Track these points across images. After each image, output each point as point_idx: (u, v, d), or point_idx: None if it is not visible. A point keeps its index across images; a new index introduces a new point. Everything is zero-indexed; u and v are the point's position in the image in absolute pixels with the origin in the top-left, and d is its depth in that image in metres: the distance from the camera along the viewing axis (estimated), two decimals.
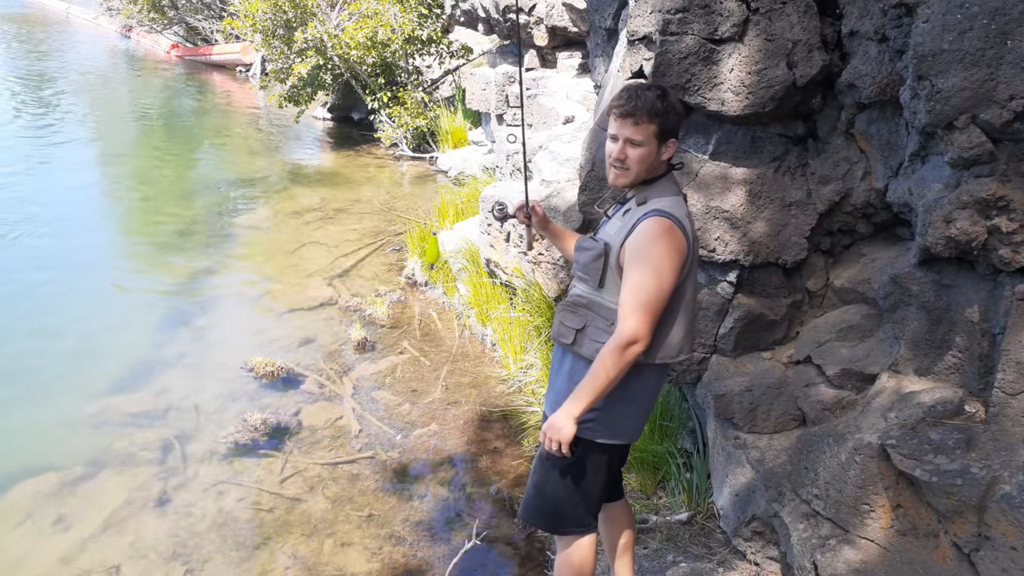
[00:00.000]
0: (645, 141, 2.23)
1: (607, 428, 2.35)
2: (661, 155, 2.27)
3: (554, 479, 2.45)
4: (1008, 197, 2.32)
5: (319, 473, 4.19)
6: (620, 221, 2.32)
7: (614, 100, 2.27)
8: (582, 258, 2.36)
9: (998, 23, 2.24)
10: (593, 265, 2.30)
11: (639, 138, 2.23)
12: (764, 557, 3.12)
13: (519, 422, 4.57)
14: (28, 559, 3.56)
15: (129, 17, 19.40)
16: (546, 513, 2.53)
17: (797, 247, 3.15)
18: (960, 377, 2.59)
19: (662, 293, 2.17)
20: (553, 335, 2.43)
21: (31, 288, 6.29)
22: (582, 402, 2.20)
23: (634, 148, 2.24)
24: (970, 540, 2.30)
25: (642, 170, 2.27)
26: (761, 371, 3.21)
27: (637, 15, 3.19)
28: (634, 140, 2.23)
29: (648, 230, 2.19)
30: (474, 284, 5.72)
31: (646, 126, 2.22)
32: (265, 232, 7.83)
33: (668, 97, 2.25)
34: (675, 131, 2.28)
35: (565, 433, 2.21)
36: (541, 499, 2.51)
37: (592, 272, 2.30)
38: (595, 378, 2.18)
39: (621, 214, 2.35)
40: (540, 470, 2.50)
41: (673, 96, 2.28)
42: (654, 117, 2.21)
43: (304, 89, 10.47)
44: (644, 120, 2.21)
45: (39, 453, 4.27)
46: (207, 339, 5.63)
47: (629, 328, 2.15)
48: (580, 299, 2.35)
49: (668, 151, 2.28)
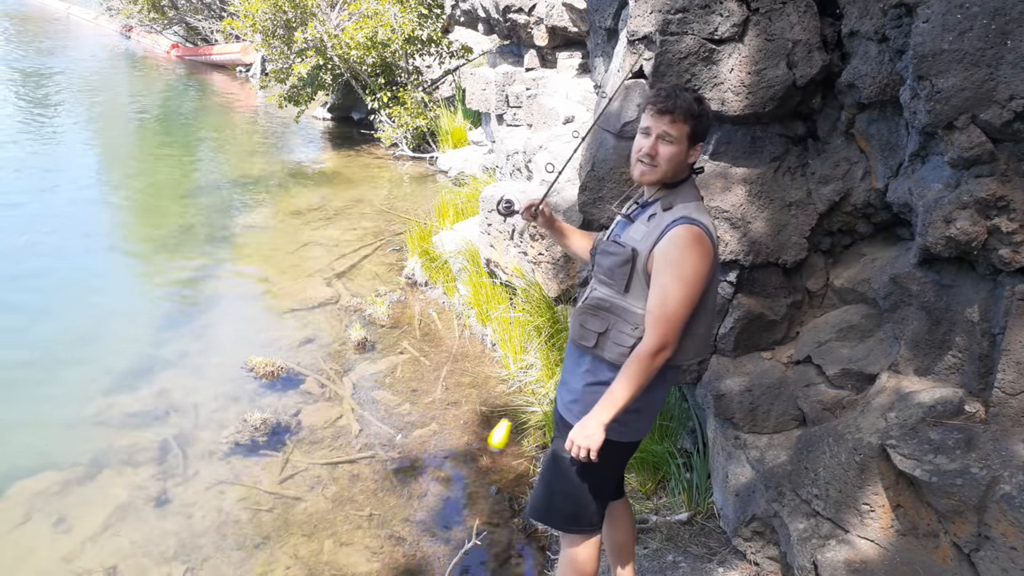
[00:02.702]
0: (678, 139, 2.25)
1: (625, 427, 2.35)
2: (689, 157, 2.29)
3: (568, 479, 2.45)
4: (1008, 197, 2.32)
5: (319, 473, 4.19)
6: (645, 226, 2.30)
7: (651, 96, 2.30)
8: (606, 262, 2.34)
9: (998, 23, 2.24)
10: (619, 270, 2.30)
11: (674, 134, 2.24)
12: (764, 557, 3.12)
13: (519, 422, 4.57)
14: (28, 559, 3.56)
15: (129, 17, 19.40)
16: (558, 512, 2.53)
17: (797, 247, 3.15)
18: (960, 377, 2.59)
19: (690, 302, 2.20)
20: (573, 337, 2.43)
21: (31, 288, 6.29)
22: (612, 408, 2.21)
23: (667, 145, 2.26)
24: (970, 540, 2.30)
25: (670, 169, 2.28)
26: (761, 371, 3.21)
27: (637, 15, 3.19)
28: (669, 135, 2.24)
29: (678, 238, 2.20)
30: (474, 284, 5.72)
31: (681, 125, 2.24)
32: (265, 232, 7.83)
33: (703, 103, 2.31)
34: (704, 136, 2.32)
35: (595, 440, 2.21)
36: (553, 498, 2.51)
37: (617, 277, 2.30)
38: (626, 386, 2.20)
39: (646, 219, 2.32)
40: (553, 469, 2.50)
41: (707, 103, 2.34)
42: (689, 118, 2.24)
43: (304, 89, 10.47)
44: (680, 119, 2.23)
45: (39, 453, 4.27)
46: (207, 339, 5.64)
47: (659, 336, 2.18)
48: (603, 302, 2.34)
49: (695, 155, 2.31)
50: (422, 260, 6.58)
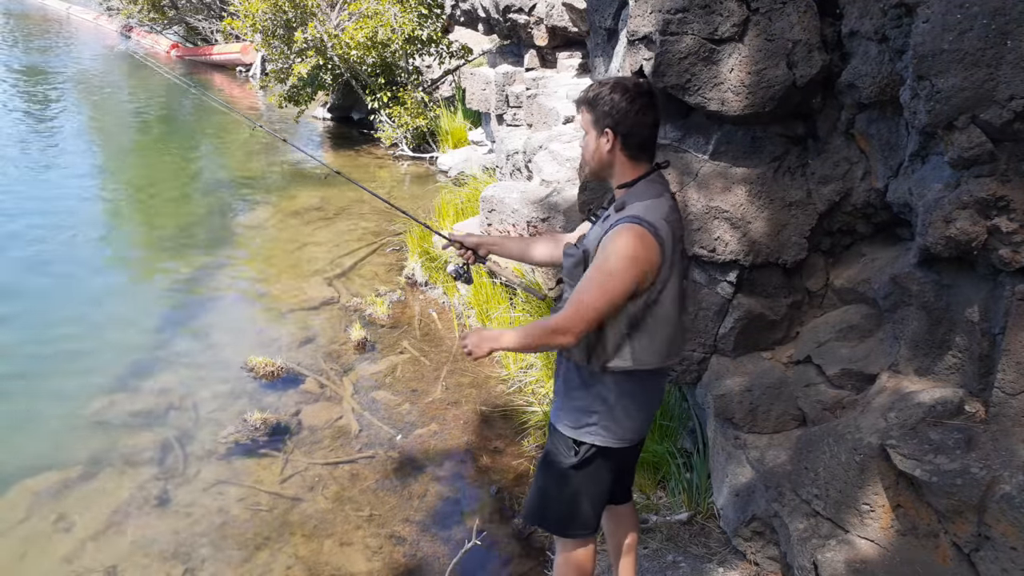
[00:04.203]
0: (586, 128, 2.27)
1: (609, 432, 2.35)
2: (602, 147, 2.22)
3: (559, 483, 2.45)
4: (1008, 197, 2.32)
5: (319, 473, 4.19)
6: (600, 227, 2.28)
7: None
8: (566, 264, 2.35)
9: (998, 23, 2.24)
10: (575, 271, 2.29)
11: (583, 125, 2.27)
12: (764, 557, 3.12)
13: (519, 422, 4.57)
14: (28, 559, 3.56)
15: (129, 17, 19.40)
16: (551, 516, 2.53)
17: (797, 247, 3.15)
18: (960, 377, 2.59)
19: (609, 294, 2.13)
20: None
21: (30, 288, 6.29)
22: (496, 342, 2.26)
23: (583, 137, 2.30)
24: (970, 540, 2.30)
25: (591, 161, 2.29)
26: (761, 371, 3.21)
27: (637, 15, 3.19)
28: (582, 127, 2.28)
29: (614, 234, 2.16)
30: (474, 284, 5.72)
31: (584, 114, 2.26)
32: (265, 232, 7.83)
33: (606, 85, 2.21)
34: (606, 120, 2.20)
35: (477, 348, 2.25)
36: (546, 502, 2.51)
37: (575, 277, 2.28)
38: (515, 336, 2.24)
39: (602, 220, 2.31)
40: (545, 473, 2.50)
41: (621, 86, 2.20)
42: (584, 105, 2.25)
43: (304, 89, 10.47)
44: (582, 109, 2.26)
45: (40, 452, 4.27)
46: (207, 339, 5.63)
47: (564, 318, 2.16)
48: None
49: (607, 143, 2.21)
50: (422, 260, 6.58)
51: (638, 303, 2.19)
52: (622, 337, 2.23)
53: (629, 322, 2.21)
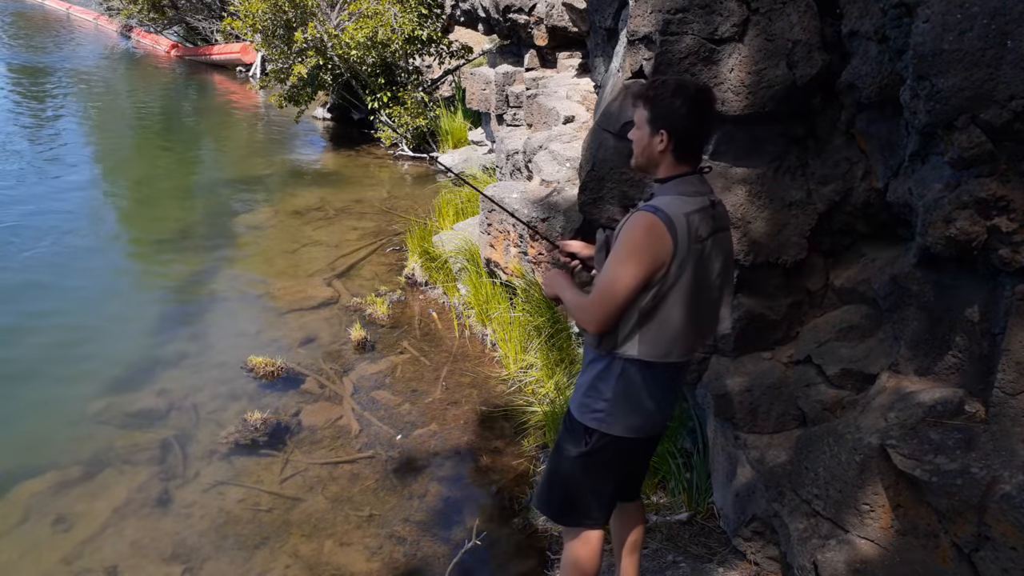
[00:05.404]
0: (639, 124, 2.28)
1: (614, 420, 2.35)
2: (653, 146, 2.24)
3: (565, 468, 2.46)
4: (1008, 197, 2.31)
5: (319, 473, 4.19)
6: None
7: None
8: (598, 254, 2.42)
9: (998, 23, 2.24)
10: (599, 256, 2.36)
11: (636, 119, 2.29)
12: (764, 557, 3.12)
13: (519, 422, 4.57)
14: (28, 559, 3.56)
15: (129, 17, 19.40)
16: (553, 502, 2.55)
17: (797, 247, 3.15)
18: (960, 377, 2.59)
19: (624, 281, 2.16)
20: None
21: (30, 288, 6.29)
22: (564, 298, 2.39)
23: (635, 131, 2.30)
24: (970, 540, 2.30)
25: (639, 155, 2.31)
26: (761, 371, 3.21)
27: (637, 15, 3.19)
28: (635, 120, 2.30)
29: (629, 221, 2.22)
30: (474, 284, 5.72)
31: (640, 109, 2.27)
32: (265, 232, 7.82)
33: (669, 86, 2.22)
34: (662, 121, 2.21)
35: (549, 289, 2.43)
36: (551, 487, 2.53)
37: (600, 264, 2.35)
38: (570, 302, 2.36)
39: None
40: (554, 457, 2.53)
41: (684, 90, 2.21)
42: (643, 101, 2.25)
43: (304, 89, 10.47)
44: (639, 103, 2.27)
45: (40, 452, 4.27)
46: (207, 339, 5.63)
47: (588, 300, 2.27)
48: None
49: (660, 143, 2.23)
50: (422, 260, 6.58)
51: (649, 294, 2.20)
52: (632, 326, 2.24)
53: (639, 311, 2.22)
